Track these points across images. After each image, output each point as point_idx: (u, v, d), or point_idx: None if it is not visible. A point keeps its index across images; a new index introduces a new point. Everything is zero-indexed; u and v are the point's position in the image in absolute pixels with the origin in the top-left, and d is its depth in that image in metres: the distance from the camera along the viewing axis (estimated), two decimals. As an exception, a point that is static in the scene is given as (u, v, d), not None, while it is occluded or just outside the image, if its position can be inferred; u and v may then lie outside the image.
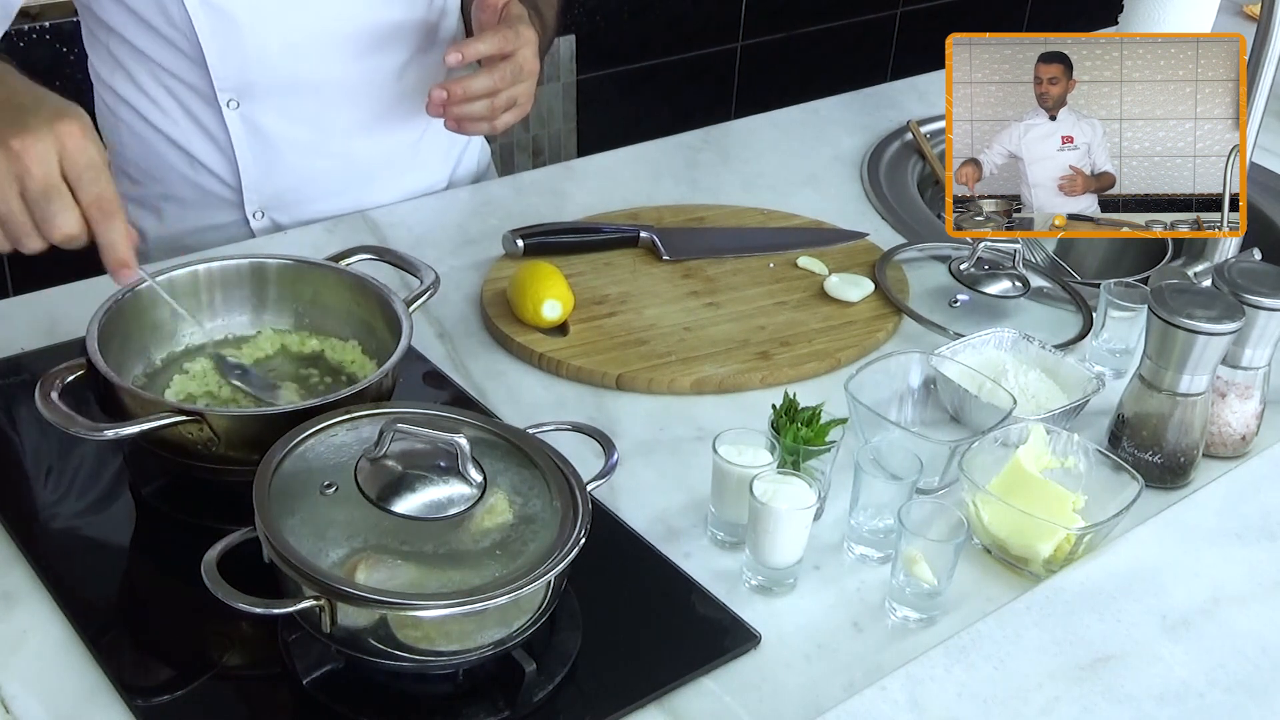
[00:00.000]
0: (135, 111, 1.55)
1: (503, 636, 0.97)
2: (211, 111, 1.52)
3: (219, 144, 1.55)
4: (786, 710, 1.01)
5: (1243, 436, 1.29)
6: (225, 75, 1.49)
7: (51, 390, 1.08)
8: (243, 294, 1.28)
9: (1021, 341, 1.35)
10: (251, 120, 1.53)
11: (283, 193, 1.59)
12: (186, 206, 1.60)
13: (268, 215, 1.60)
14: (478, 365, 1.37)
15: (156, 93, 1.53)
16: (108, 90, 1.57)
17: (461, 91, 1.41)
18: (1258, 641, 1.05)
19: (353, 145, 1.60)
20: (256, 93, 1.51)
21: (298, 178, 1.59)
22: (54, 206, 1.06)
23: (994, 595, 1.12)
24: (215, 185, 1.58)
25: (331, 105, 1.56)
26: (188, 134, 1.55)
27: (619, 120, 3.05)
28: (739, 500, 1.11)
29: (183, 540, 1.05)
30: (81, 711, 0.97)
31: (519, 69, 1.43)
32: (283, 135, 1.55)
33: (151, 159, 1.58)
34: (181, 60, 1.49)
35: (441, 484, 1.00)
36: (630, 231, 1.56)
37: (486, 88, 1.42)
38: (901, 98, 2.03)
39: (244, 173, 1.56)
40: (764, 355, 1.38)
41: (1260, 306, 1.21)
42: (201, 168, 1.57)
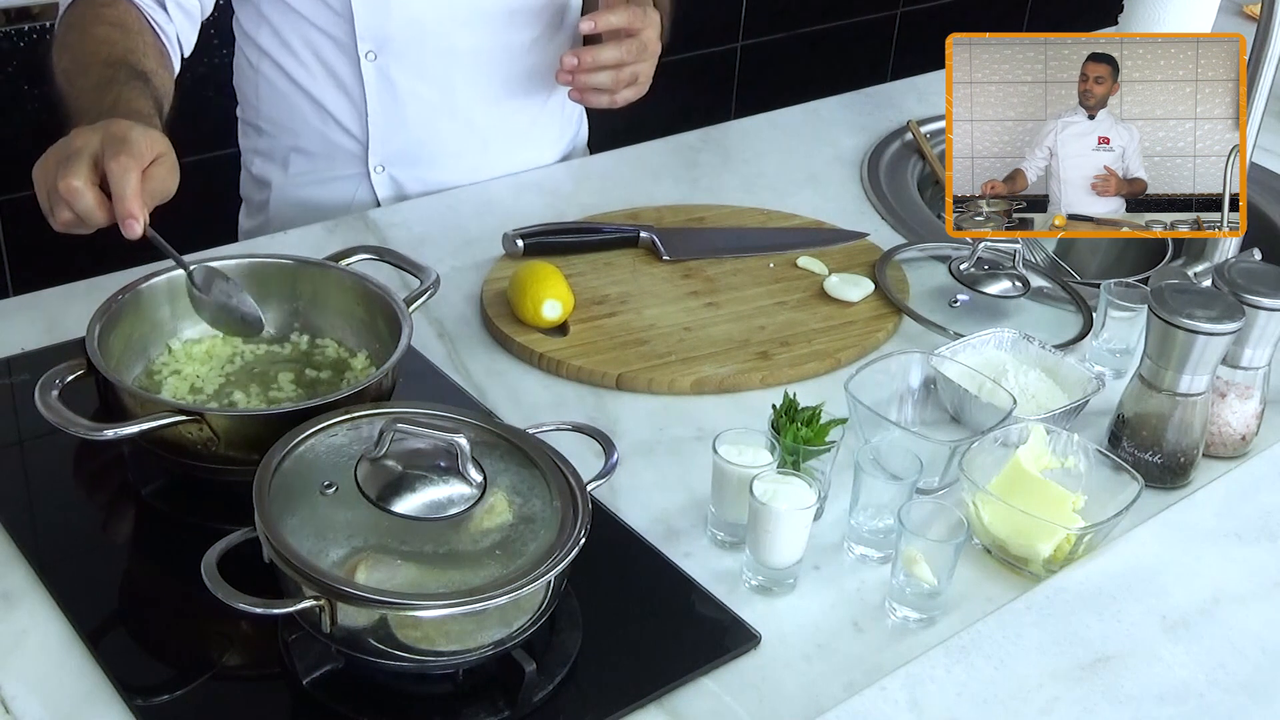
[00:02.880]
0: (275, 64, 1.64)
1: (503, 636, 0.97)
2: (349, 64, 1.61)
3: (352, 97, 1.63)
4: (786, 710, 1.01)
5: (1243, 436, 1.29)
6: (368, 26, 1.57)
7: (51, 390, 1.08)
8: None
9: (1021, 341, 1.35)
10: (386, 74, 1.61)
11: (406, 149, 1.67)
12: (313, 159, 1.69)
13: (388, 171, 1.68)
14: (478, 365, 1.37)
15: (298, 46, 1.62)
16: (251, 45, 1.66)
17: (591, 60, 1.50)
18: (1258, 641, 1.05)
19: (476, 111, 1.67)
20: (394, 48, 1.59)
21: (422, 136, 1.66)
22: (72, 163, 1.13)
23: (994, 595, 1.12)
24: (343, 138, 1.66)
25: (462, 69, 1.64)
26: (323, 86, 1.63)
27: (619, 120, 3.05)
28: (739, 500, 1.11)
29: (183, 540, 1.05)
30: (81, 711, 0.97)
31: (643, 47, 1.52)
32: (413, 92, 1.62)
33: (284, 111, 1.67)
34: (327, 13, 1.58)
35: (441, 484, 1.00)
36: (630, 231, 1.56)
37: (614, 59, 1.51)
38: (901, 98, 2.03)
39: (372, 126, 1.64)
40: (764, 355, 1.38)
41: (1260, 306, 1.21)
42: (332, 120, 1.65)
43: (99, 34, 1.37)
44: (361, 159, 1.67)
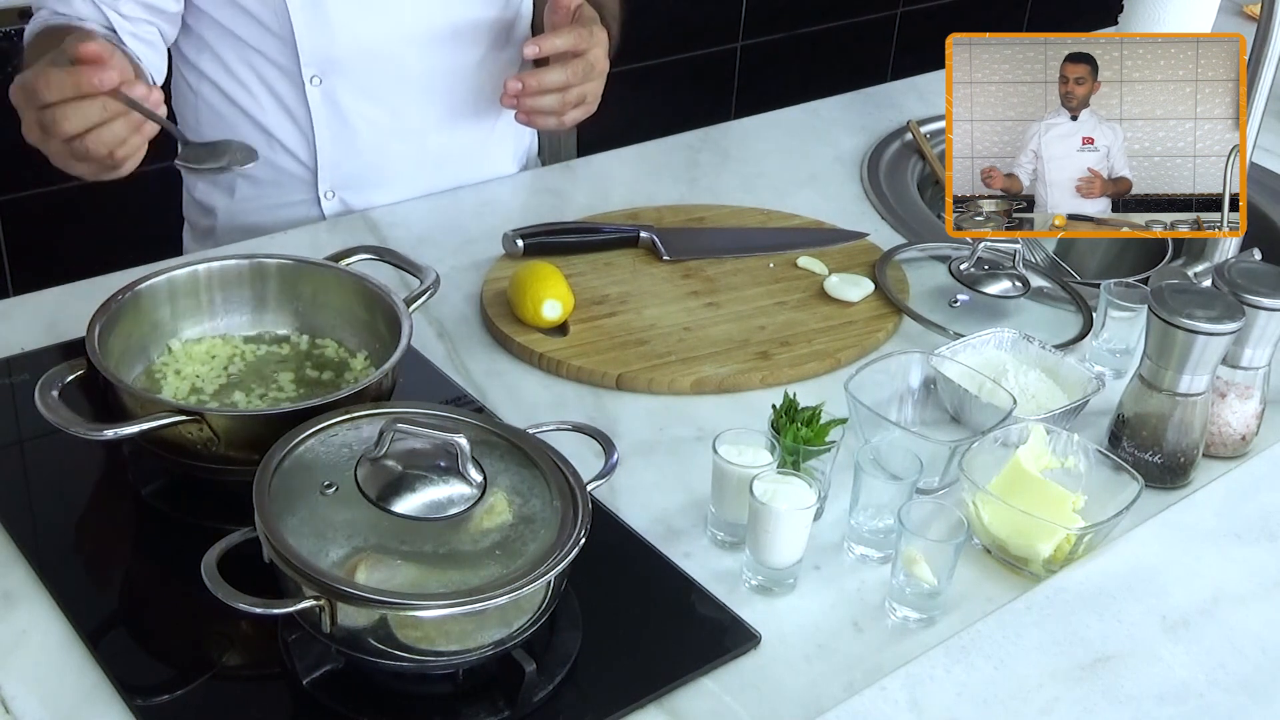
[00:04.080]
0: (217, 89, 1.59)
1: (503, 636, 0.97)
2: (294, 89, 1.57)
3: (298, 122, 1.59)
4: (786, 710, 1.01)
5: (1243, 436, 1.29)
6: (311, 50, 1.53)
7: (51, 390, 1.08)
8: (243, 294, 1.28)
9: (1021, 341, 1.35)
10: (332, 98, 1.57)
11: (356, 174, 1.63)
12: (260, 185, 1.64)
13: (339, 196, 1.64)
14: (478, 365, 1.37)
15: (240, 70, 1.57)
16: (191, 69, 1.61)
17: (535, 84, 1.47)
18: (1258, 641, 1.05)
19: (427, 131, 1.65)
20: (339, 71, 1.56)
21: (372, 160, 1.63)
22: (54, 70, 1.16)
23: (994, 595, 1.12)
24: (291, 164, 1.62)
25: (410, 90, 1.61)
26: (268, 111, 1.59)
27: (619, 120, 3.05)
28: (739, 500, 1.11)
29: (183, 540, 1.05)
30: (81, 711, 0.97)
31: (590, 67, 1.49)
32: (361, 115, 1.59)
33: (229, 136, 1.61)
34: (269, 38, 1.54)
35: (441, 484, 1.00)
36: (630, 231, 1.56)
37: (559, 82, 1.47)
38: (901, 98, 2.03)
39: (320, 151, 1.60)
40: (764, 355, 1.38)
41: (1260, 306, 1.21)
42: (279, 145, 1.61)
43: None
44: (311, 184, 1.62)
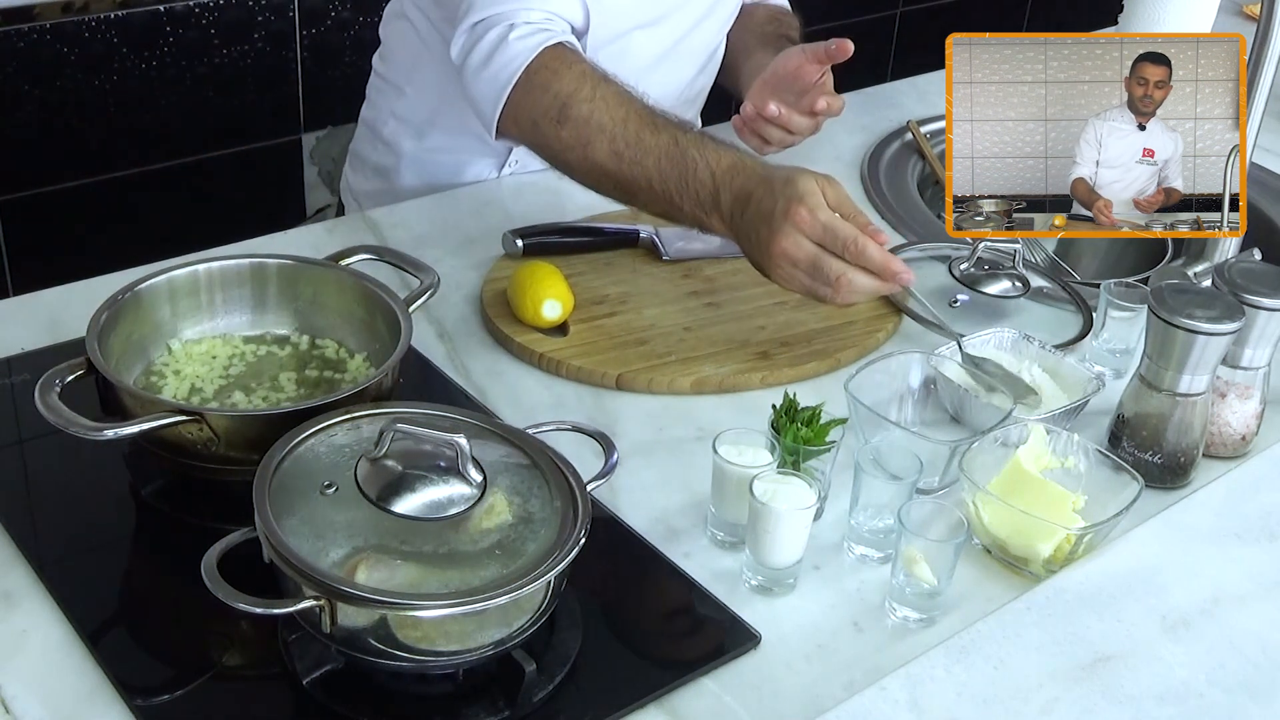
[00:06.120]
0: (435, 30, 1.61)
1: (503, 636, 0.97)
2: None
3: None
4: (786, 710, 1.01)
5: (1243, 436, 1.29)
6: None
7: (51, 390, 1.08)
8: (243, 294, 1.28)
9: (1021, 341, 1.35)
10: None
11: None
12: (455, 136, 1.67)
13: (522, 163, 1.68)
14: (478, 365, 1.37)
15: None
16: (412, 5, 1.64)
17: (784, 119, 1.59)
18: (1258, 641, 1.05)
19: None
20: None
21: None
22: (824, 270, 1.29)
23: (994, 595, 1.12)
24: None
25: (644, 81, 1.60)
26: None
27: (619, 120, 3.04)
28: (739, 500, 1.11)
29: (183, 540, 1.05)
30: (81, 711, 0.97)
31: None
32: None
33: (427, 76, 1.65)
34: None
35: (441, 484, 1.00)
36: (630, 231, 1.56)
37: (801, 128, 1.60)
38: (901, 98, 2.03)
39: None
40: (764, 355, 1.38)
41: (1260, 306, 1.21)
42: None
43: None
44: (504, 149, 1.66)
